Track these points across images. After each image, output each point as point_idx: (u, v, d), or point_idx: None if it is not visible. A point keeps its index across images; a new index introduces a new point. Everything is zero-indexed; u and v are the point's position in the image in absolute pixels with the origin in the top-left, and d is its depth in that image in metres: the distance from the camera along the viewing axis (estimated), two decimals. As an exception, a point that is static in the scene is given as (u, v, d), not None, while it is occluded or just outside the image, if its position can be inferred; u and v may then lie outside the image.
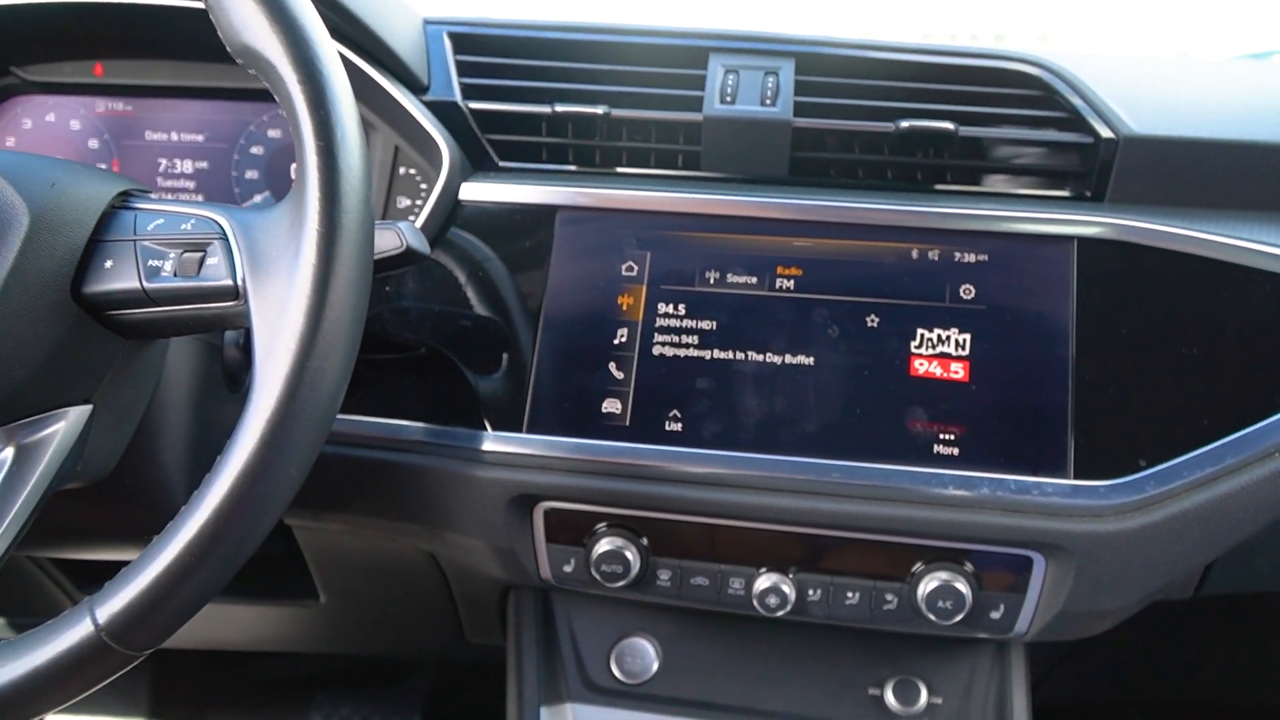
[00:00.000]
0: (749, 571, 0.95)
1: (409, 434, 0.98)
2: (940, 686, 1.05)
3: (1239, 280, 0.90)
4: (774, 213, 0.96)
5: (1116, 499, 0.86)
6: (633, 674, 1.09)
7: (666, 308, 0.95)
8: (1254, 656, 1.29)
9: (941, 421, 0.89)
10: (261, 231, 0.71)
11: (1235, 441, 0.86)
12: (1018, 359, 0.90)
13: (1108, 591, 0.89)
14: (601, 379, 0.94)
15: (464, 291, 0.99)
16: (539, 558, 0.98)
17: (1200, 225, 0.92)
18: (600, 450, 0.92)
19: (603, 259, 0.97)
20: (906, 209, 0.95)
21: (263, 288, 0.69)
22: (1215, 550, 0.88)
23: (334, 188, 0.68)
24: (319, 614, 1.29)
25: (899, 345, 0.91)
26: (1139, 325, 0.90)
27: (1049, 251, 0.92)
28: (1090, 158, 0.97)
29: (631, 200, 0.98)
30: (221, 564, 0.66)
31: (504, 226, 1.00)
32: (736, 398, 0.92)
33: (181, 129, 1.16)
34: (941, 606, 0.91)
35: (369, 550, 1.14)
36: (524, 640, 1.11)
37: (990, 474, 0.88)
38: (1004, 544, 0.89)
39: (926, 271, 0.93)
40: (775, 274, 0.95)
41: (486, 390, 0.96)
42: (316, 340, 0.66)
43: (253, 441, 0.65)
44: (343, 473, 1.01)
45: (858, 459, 0.89)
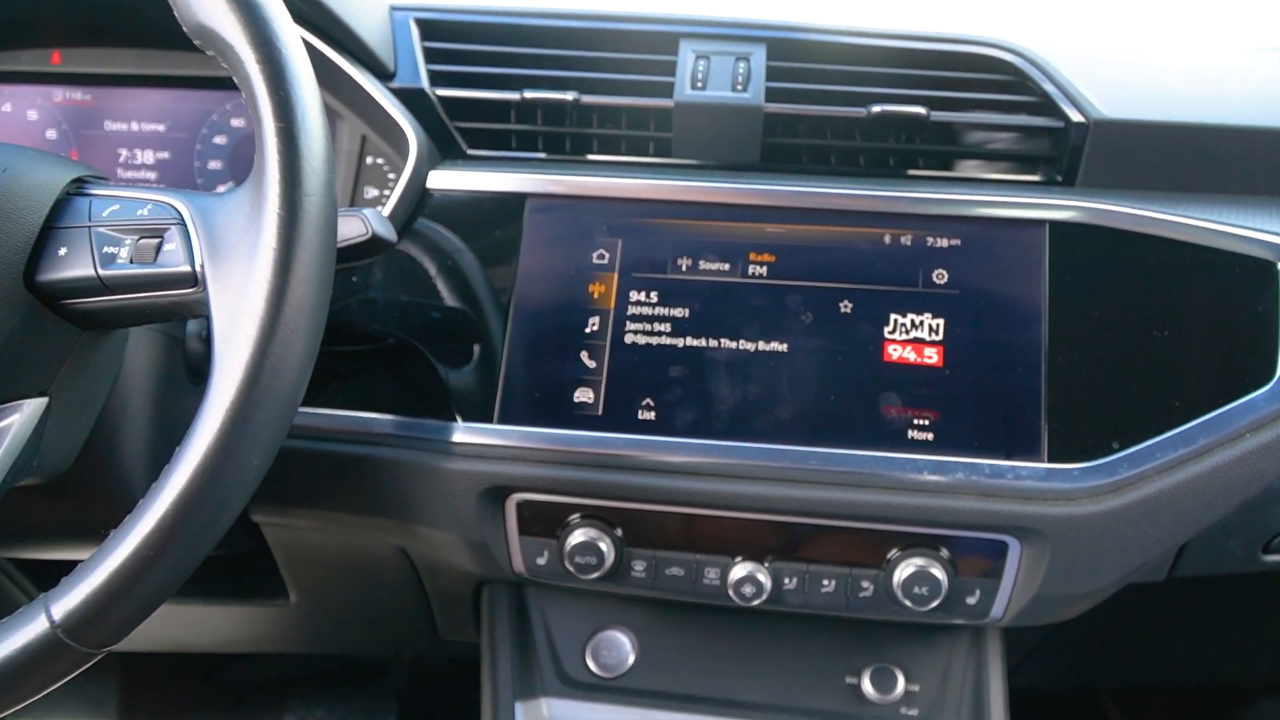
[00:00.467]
0: (724, 561, 0.94)
1: (378, 427, 0.96)
2: (917, 674, 1.05)
3: (1209, 263, 0.90)
4: (746, 199, 0.95)
5: (1090, 482, 0.86)
6: (609, 667, 1.08)
7: (638, 295, 0.94)
8: (1226, 638, 1.30)
9: (916, 407, 0.89)
10: (220, 216, 0.70)
11: (1207, 423, 0.86)
12: (991, 343, 0.89)
13: (1082, 574, 0.89)
14: (573, 368, 0.93)
15: (433, 281, 0.97)
16: (511, 550, 0.97)
17: (1171, 208, 0.92)
18: (572, 440, 0.91)
19: (573, 247, 0.96)
20: (879, 194, 0.94)
21: (222, 274, 0.67)
22: (1188, 532, 0.88)
23: (295, 171, 0.66)
24: (289, 613, 1.27)
25: (872, 331, 0.91)
26: (1111, 308, 0.90)
27: (1021, 236, 0.92)
28: (1061, 142, 0.97)
29: (602, 187, 0.97)
30: (181, 558, 0.65)
31: (473, 215, 0.99)
32: (710, 385, 0.91)
33: (142, 119, 1.14)
34: (917, 593, 0.90)
35: (339, 547, 1.12)
36: (498, 635, 1.09)
37: (965, 458, 0.87)
38: (979, 529, 0.89)
39: (899, 257, 0.93)
40: (748, 260, 0.94)
41: (456, 381, 0.95)
42: (278, 326, 0.64)
43: (212, 431, 0.63)
44: (311, 467, 0.99)
45: (832, 445, 0.89)
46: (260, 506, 1.04)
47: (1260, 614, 1.25)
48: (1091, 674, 1.47)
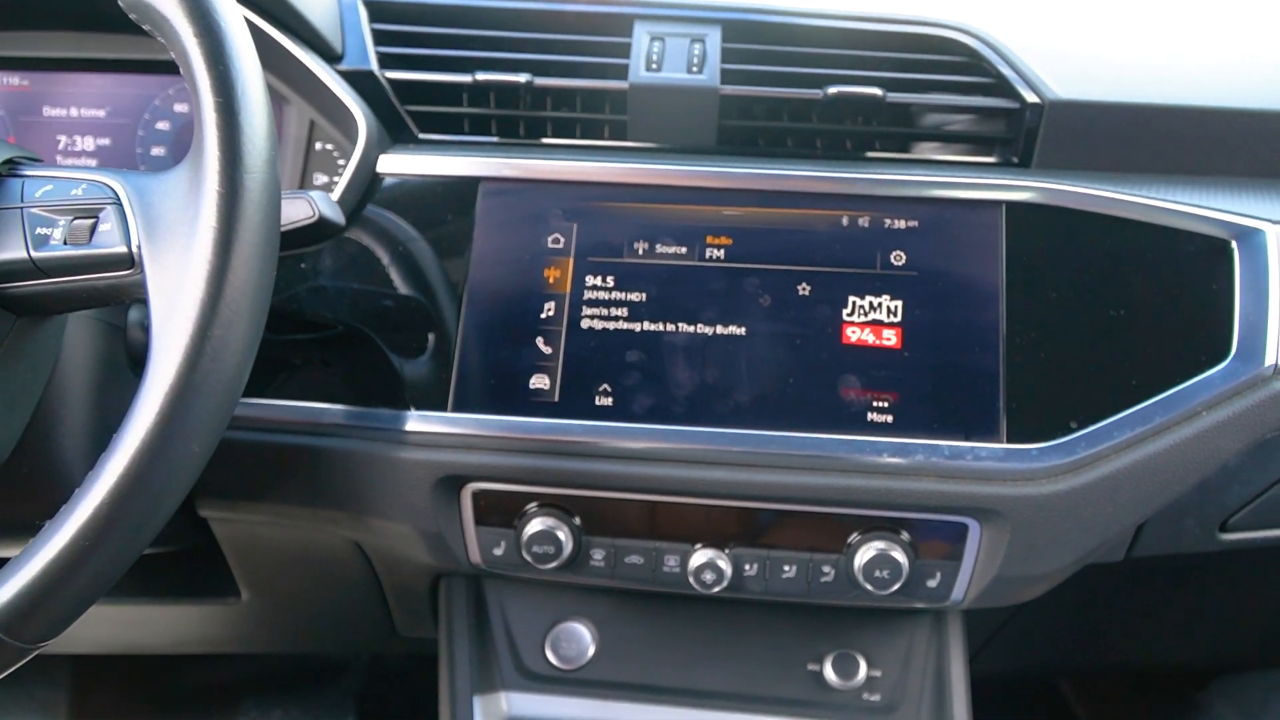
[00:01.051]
0: (684, 548, 0.93)
1: (329, 417, 0.94)
2: (879, 659, 1.04)
3: (1165, 242, 0.90)
4: (703, 181, 0.94)
5: (1048, 461, 0.86)
6: (569, 659, 1.06)
7: (594, 280, 0.92)
8: (1182, 621, 1.31)
9: (875, 389, 0.88)
10: (158, 195, 0.67)
11: (1163, 401, 0.86)
12: (949, 325, 0.89)
13: (1042, 555, 0.89)
14: (528, 354, 0.91)
15: (384, 268, 0.95)
16: (468, 541, 0.95)
17: (1126, 189, 0.92)
18: (528, 428, 0.90)
19: (528, 231, 0.94)
20: (836, 176, 0.93)
21: (159, 254, 0.65)
22: (1146, 510, 0.88)
23: (235, 147, 0.64)
24: (241, 612, 1.24)
25: (831, 313, 0.90)
26: (1068, 289, 0.90)
27: (978, 217, 0.92)
28: (1016, 123, 0.96)
29: (557, 170, 0.95)
30: (119, 549, 0.62)
31: (425, 199, 0.97)
32: (668, 370, 0.90)
33: (82, 104, 1.11)
34: (878, 576, 0.90)
35: (291, 542, 1.10)
36: (455, 629, 1.08)
37: (924, 440, 0.87)
38: (939, 510, 0.88)
39: (857, 239, 0.92)
40: (705, 244, 0.93)
41: (409, 369, 0.93)
42: (218, 308, 0.62)
43: (150, 416, 0.61)
44: (259, 460, 0.96)
45: (791, 429, 0.88)
46: (208, 501, 1.01)
47: (1216, 595, 1.26)
48: (1050, 659, 1.48)
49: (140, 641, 1.36)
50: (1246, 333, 0.87)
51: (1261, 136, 0.96)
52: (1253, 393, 0.86)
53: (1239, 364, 0.86)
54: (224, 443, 0.94)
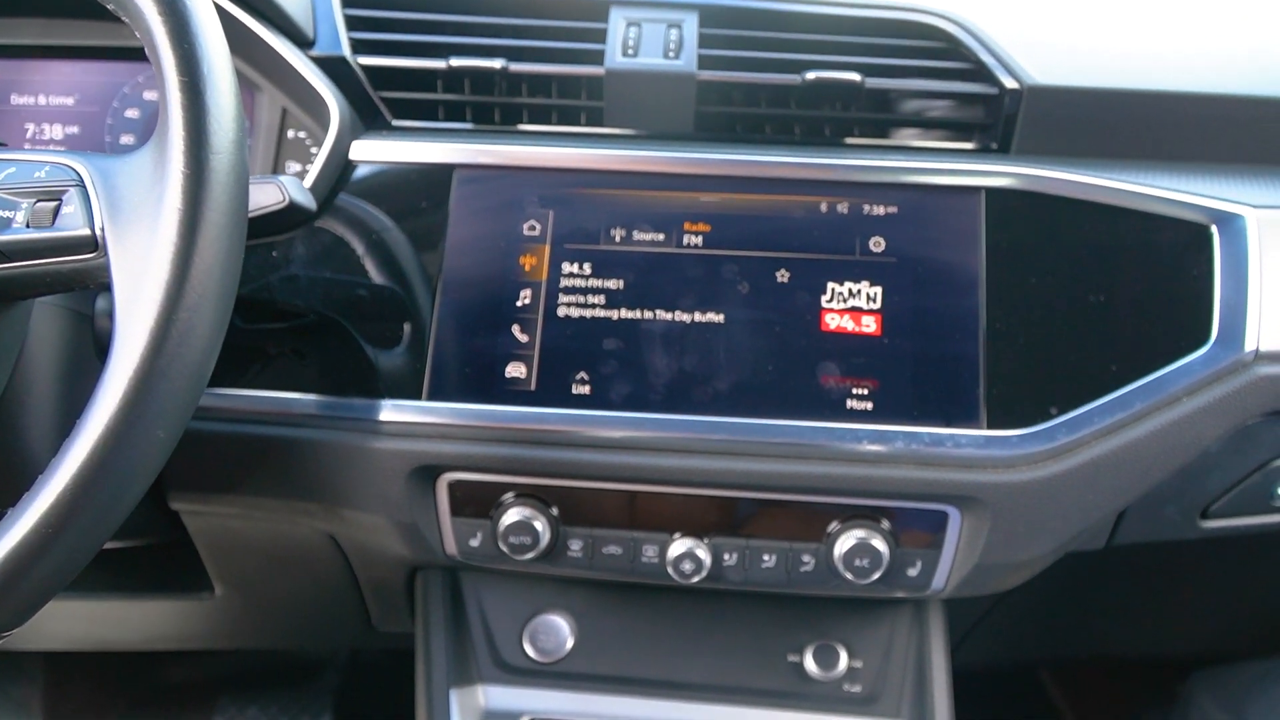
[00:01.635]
0: (662, 538, 0.92)
1: (301, 407, 0.92)
2: (860, 650, 1.04)
3: (1145, 228, 0.90)
4: (680, 168, 0.93)
5: (1029, 448, 0.85)
6: (547, 652, 1.05)
7: (571, 267, 0.91)
8: (1163, 611, 1.31)
9: (854, 376, 0.88)
10: (122, 177, 0.66)
11: (1144, 387, 0.86)
12: (929, 311, 0.88)
13: (1023, 542, 0.88)
14: (504, 342, 0.90)
15: (357, 256, 0.94)
16: (444, 532, 0.94)
17: (1106, 174, 0.92)
18: (504, 416, 0.88)
19: (503, 218, 0.93)
20: (814, 162, 0.93)
21: (124, 237, 0.63)
22: (1126, 497, 0.88)
23: (200, 127, 0.62)
24: (215, 607, 1.22)
25: (810, 300, 0.89)
26: (1048, 275, 0.89)
27: (957, 203, 0.91)
28: (995, 109, 0.96)
29: (532, 157, 0.94)
30: (83, 536, 0.61)
31: (398, 187, 0.95)
32: (645, 358, 0.89)
33: (50, 92, 1.09)
34: (859, 565, 0.89)
35: (265, 535, 1.08)
36: (432, 622, 1.06)
37: (904, 427, 0.86)
38: (919, 498, 0.88)
39: (836, 225, 0.91)
40: (682, 230, 0.92)
41: (383, 358, 0.91)
42: (184, 291, 0.61)
43: (114, 401, 0.59)
44: (231, 451, 0.95)
45: (770, 416, 0.87)
46: (179, 493, 0.99)
47: (1197, 584, 1.26)
48: (1032, 651, 1.48)
49: (113, 638, 1.34)
50: (1227, 318, 0.87)
51: (1241, 122, 0.96)
52: (1233, 378, 0.86)
53: (1219, 349, 0.86)
54: (194, 434, 0.94)
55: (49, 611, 1.25)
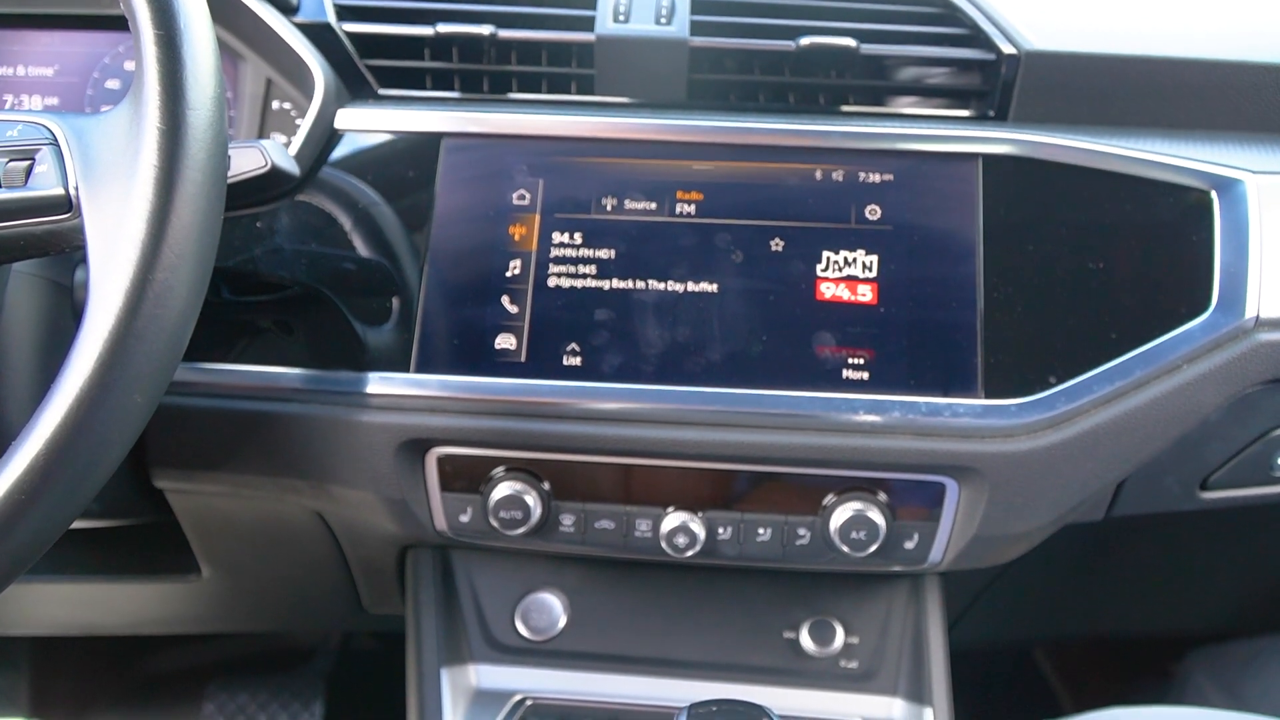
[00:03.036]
0: (656, 512, 0.91)
1: (287, 381, 0.90)
2: (856, 626, 1.02)
3: (1144, 194, 0.88)
4: (672, 135, 0.92)
5: (1027, 417, 0.84)
6: (539, 630, 1.04)
7: (561, 237, 0.90)
8: (1160, 589, 1.31)
9: (850, 346, 0.86)
10: (97, 135, 0.64)
11: (1143, 355, 0.84)
12: (925, 279, 0.87)
13: (1021, 513, 0.87)
14: (494, 313, 0.88)
15: (342, 226, 0.92)
16: (433, 508, 0.92)
17: (1104, 140, 0.90)
18: (494, 389, 0.87)
19: (492, 188, 0.91)
20: (809, 128, 0.91)
21: (98, 196, 0.62)
22: (1126, 467, 0.87)
23: (177, 82, 0.61)
24: (202, 590, 1.20)
25: (805, 269, 0.88)
26: (1046, 242, 0.88)
27: (954, 170, 0.90)
28: (992, 76, 0.94)
29: (522, 125, 0.92)
30: (59, 502, 0.59)
31: (385, 156, 0.94)
32: (637, 329, 0.88)
33: (29, 62, 1.07)
34: (855, 538, 0.87)
35: (252, 514, 1.06)
36: (422, 602, 1.05)
37: (901, 397, 0.85)
38: (916, 469, 0.86)
39: (831, 193, 0.90)
40: (675, 199, 0.90)
41: (370, 330, 0.90)
42: (161, 251, 0.59)
43: (89, 364, 0.58)
44: (216, 427, 0.93)
45: (765, 387, 0.86)
46: (163, 471, 0.97)
47: (1196, 559, 1.25)
48: (1028, 629, 1.47)
49: (99, 622, 1.32)
50: (1227, 284, 0.85)
51: (1241, 88, 0.94)
52: (1233, 345, 0.84)
53: (1219, 316, 0.85)
54: (177, 410, 0.92)
55: (33, 595, 1.24)
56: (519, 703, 1.00)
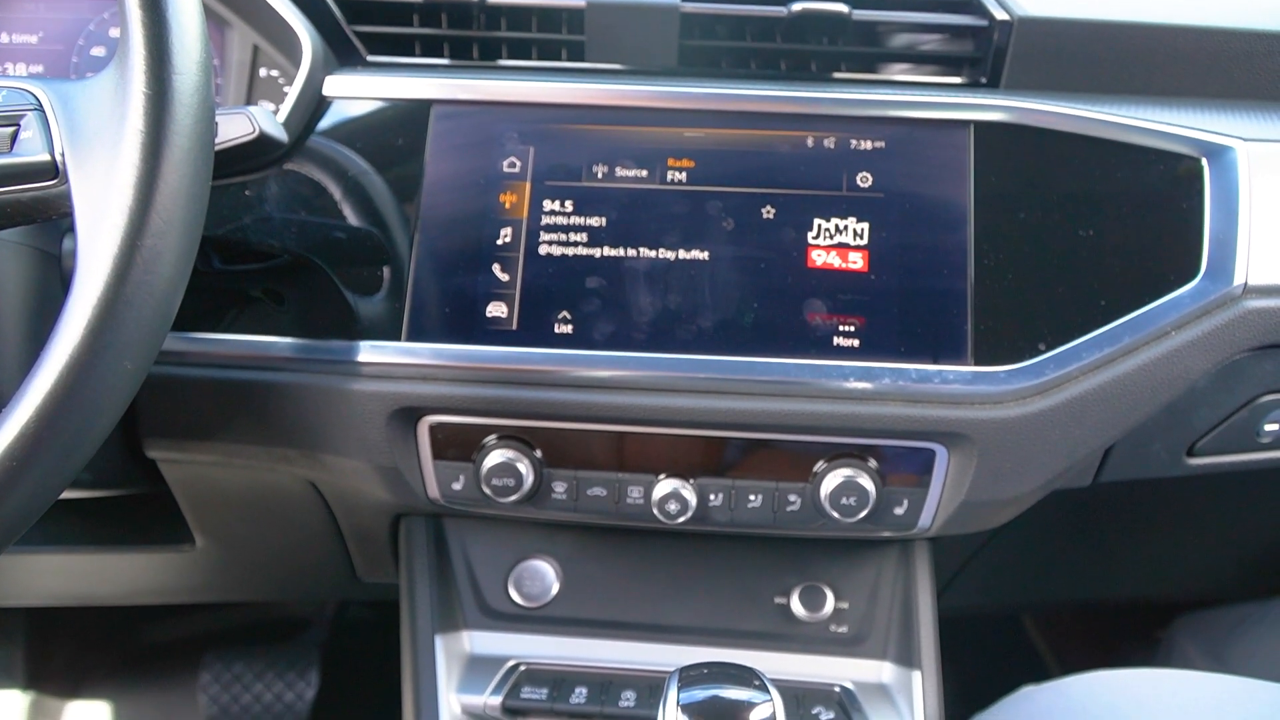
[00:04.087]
0: (648, 479, 0.91)
1: (278, 350, 0.90)
2: (846, 591, 1.03)
3: (1135, 161, 0.88)
4: (664, 102, 0.91)
5: (1016, 384, 0.84)
6: (532, 597, 1.04)
7: (552, 205, 0.89)
8: (1148, 551, 1.32)
9: (841, 313, 0.86)
10: (82, 101, 0.63)
11: (1132, 322, 0.85)
12: (916, 247, 0.87)
13: (1009, 479, 0.88)
14: (485, 281, 0.88)
15: (332, 194, 0.92)
16: (426, 476, 0.92)
17: (1095, 107, 0.90)
18: (486, 357, 0.87)
19: (482, 155, 0.91)
20: (801, 95, 0.91)
21: (84, 162, 0.61)
22: (1114, 433, 0.87)
23: (162, 46, 0.60)
24: (196, 559, 1.20)
25: (796, 236, 0.88)
26: (1036, 209, 0.88)
27: (946, 137, 0.89)
28: (985, 42, 0.94)
29: (512, 92, 0.92)
30: (50, 470, 0.59)
31: (374, 123, 0.93)
32: (629, 296, 0.88)
33: (13, 30, 1.05)
34: (845, 504, 0.88)
35: (244, 484, 1.06)
36: (416, 569, 1.05)
37: (891, 364, 0.85)
38: (906, 435, 0.87)
39: (822, 160, 0.89)
40: (666, 166, 0.90)
41: (361, 299, 0.89)
42: (149, 216, 0.59)
43: (78, 330, 0.57)
44: (207, 397, 0.93)
45: (756, 354, 0.86)
46: (155, 441, 0.97)
47: (1183, 525, 1.26)
48: (1017, 595, 1.48)
49: (93, 592, 1.32)
50: (1216, 251, 0.85)
51: (1232, 55, 0.94)
52: (1222, 312, 0.85)
53: (1208, 283, 0.85)
54: (169, 379, 0.92)
55: (28, 566, 1.25)
56: (512, 668, 1.01)
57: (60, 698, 1.71)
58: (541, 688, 0.98)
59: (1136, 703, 0.83)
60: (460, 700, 1.00)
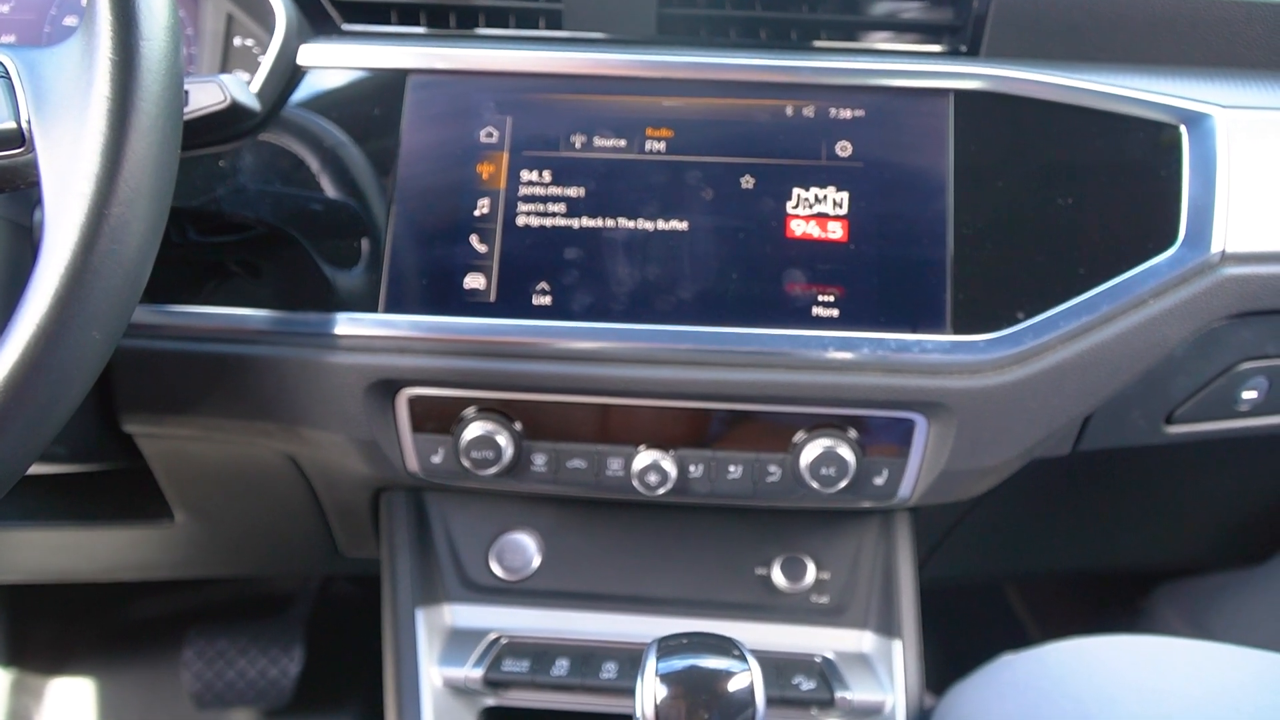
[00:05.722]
0: (627, 451, 0.91)
1: (254, 323, 0.90)
2: (827, 562, 1.03)
3: (1114, 129, 0.88)
4: (642, 71, 0.90)
5: (995, 353, 0.84)
6: (514, 570, 1.04)
7: (530, 175, 0.89)
8: (1127, 520, 1.32)
9: (820, 283, 0.86)
10: (49, 68, 0.62)
11: (1110, 290, 0.85)
12: (896, 216, 0.87)
13: (988, 448, 0.88)
14: (462, 253, 0.87)
15: (308, 165, 0.91)
16: (405, 449, 0.92)
17: (1075, 75, 0.90)
18: (464, 329, 0.86)
19: (459, 125, 0.90)
20: (780, 64, 0.90)
21: (51, 129, 0.60)
22: (1092, 401, 0.88)
23: (129, 10, 0.59)
24: (176, 535, 1.20)
25: (775, 206, 0.87)
26: (1016, 178, 0.88)
27: (926, 106, 0.89)
28: (964, 10, 0.94)
29: (490, 61, 0.91)
30: (19, 440, 0.58)
31: (350, 93, 0.92)
32: (607, 267, 0.87)
33: (-19, 0, 1.04)
34: (825, 474, 0.88)
35: (223, 459, 1.06)
36: (397, 543, 1.05)
37: (870, 334, 0.85)
38: (885, 405, 0.87)
39: (802, 129, 0.89)
40: (645, 136, 0.89)
41: (338, 270, 0.89)
42: (116, 184, 0.58)
43: (45, 300, 0.57)
44: (183, 370, 0.92)
45: (735, 325, 0.86)
46: (131, 415, 0.97)
47: (1162, 494, 1.27)
48: (998, 565, 1.49)
49: (73, 568, 1.32)
50: (1194, 219, 0.86)
51: (1211, 23, 0.94)
52: (1199, 279, 0.85)
53: (1186, 250, 0.85)
54: (145, 353, 0.92)
55: (6, 542, 1.24)
56: (494, 641, 1.01)
57: (43, 675, 1.71)
58: (523, 660, 0.98)
59: (1114, 669, 0.84)
60: (442, 673, 1.00)
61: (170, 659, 1.70)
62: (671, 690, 0.70)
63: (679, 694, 0.70)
